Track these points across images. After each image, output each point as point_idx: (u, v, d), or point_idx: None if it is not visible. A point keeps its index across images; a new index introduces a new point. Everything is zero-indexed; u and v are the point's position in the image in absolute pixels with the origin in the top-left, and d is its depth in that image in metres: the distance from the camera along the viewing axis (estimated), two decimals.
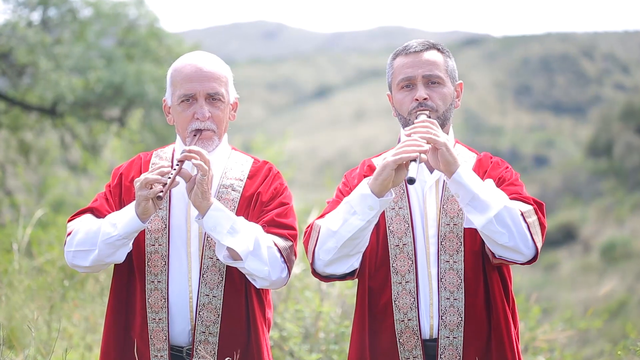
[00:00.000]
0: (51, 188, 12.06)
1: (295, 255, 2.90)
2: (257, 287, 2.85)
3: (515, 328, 2.86)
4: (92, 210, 2.95)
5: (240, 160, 3.01)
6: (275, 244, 2.81)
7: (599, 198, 34.48)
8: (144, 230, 2.88)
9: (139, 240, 2.89)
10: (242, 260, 2.75)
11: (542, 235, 2.74)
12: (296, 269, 5.50)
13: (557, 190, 36.63)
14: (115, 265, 2.94)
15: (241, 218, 2.82)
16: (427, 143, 2.63)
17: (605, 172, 36.43)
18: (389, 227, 2.84)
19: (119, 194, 2.97)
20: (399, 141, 2.90)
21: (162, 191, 2.70)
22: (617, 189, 34.18)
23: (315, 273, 2.81)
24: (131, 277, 2.92)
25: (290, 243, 2.87)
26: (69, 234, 2.89)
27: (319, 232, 2.74)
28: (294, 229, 2.90)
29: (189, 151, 2.76)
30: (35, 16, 13.15)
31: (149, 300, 2.87)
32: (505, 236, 2.63)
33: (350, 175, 3.00)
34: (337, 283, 5.46)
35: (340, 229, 2.67)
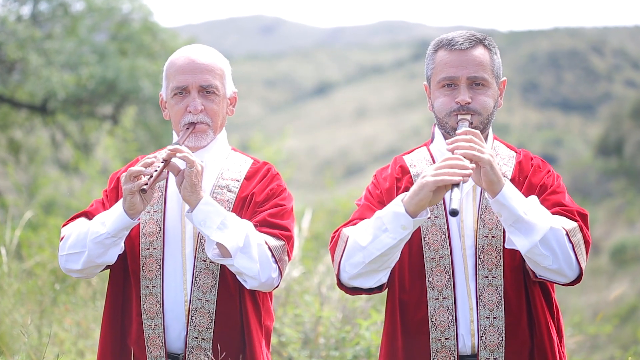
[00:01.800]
0: (42, 188, 12.25)
1: (289, 257, 2.85)
2: (247, 287, 2.78)
3: (560, 341, 2.78)
4: (86, 215, 2.93)
5: (239, 161, 2.97)
6: (266, 243, 2.76)
7: (609, 199, 34.53)
8: (139, 234, 2.85)
9: (134, 245, 2.86)
10: (231, 257, 2.70)
11: (587, 252, 2.65)
12: (295, 272, 5.47)
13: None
14: (110, 270, 2.92)
15: (233, 214, 2.77)
16: (471, 162, 2.50)
17: (615, 172, 36.56)
18: (424, 237, 2.74)
19: (115, 198, 2.94)
20: (432, 136, 2.85)
21: (146, 184, 2.65)
22: (628, 190, 34.29)
23: (340, 285, 2.74)
24: (127, 283, 2.90)
25: (282, 242, 2.81)
26: (62, 239, 2.87)
27: (346, 243, 2.65)
28: (288, 230, 2.84)
29: (173, 150, 2.71)
30: (26, 10, 13.33)
31: (144, 306, 2.83)
32: (549, 259, 2.53)
33: (380, 175, 2.89)
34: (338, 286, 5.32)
35: (370, 245, 2.58)
